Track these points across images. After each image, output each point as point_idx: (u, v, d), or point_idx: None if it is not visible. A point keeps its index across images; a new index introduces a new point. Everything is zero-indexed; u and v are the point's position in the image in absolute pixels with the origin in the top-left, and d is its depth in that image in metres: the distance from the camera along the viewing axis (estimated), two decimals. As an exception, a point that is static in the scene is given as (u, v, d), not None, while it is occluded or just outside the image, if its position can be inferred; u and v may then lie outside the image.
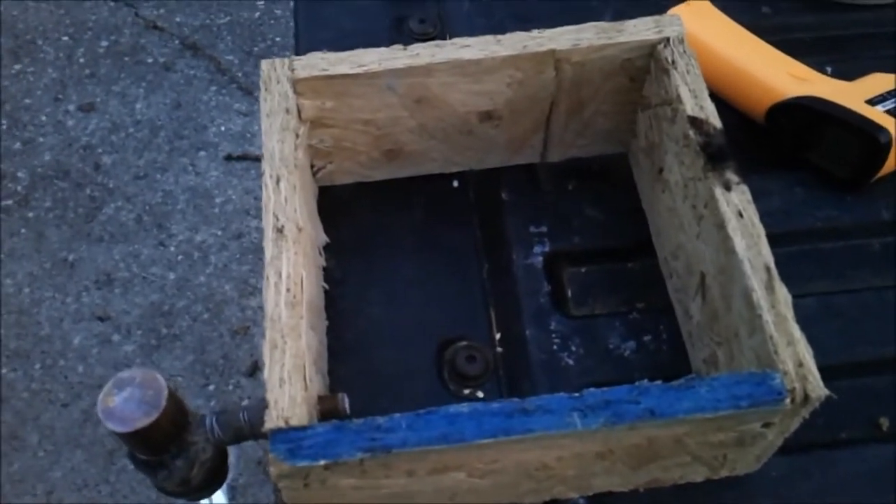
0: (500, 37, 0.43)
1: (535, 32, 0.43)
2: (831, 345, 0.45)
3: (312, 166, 0.47)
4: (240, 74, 1.71)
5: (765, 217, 0.42)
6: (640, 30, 0.43)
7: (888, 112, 0.48)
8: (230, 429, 0.35)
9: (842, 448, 0.43)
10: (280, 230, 0.37)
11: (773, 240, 0.41)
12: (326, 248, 0.47)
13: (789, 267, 0.48)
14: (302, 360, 0.33)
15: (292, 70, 0.42)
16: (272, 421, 0.31)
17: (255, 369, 1.38)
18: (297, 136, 0.40)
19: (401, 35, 0.56)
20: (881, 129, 0.47)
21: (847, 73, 0.54)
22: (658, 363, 0.45)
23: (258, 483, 1.28)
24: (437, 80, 0.43)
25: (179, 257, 1.50)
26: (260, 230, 0.38)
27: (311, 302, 0.39)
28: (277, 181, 0.38)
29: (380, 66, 0.42)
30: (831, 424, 0.43)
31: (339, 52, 0.42)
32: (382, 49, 0.43)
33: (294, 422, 0.32)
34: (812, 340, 0.36)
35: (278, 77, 0.41)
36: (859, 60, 0.56)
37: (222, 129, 1.65)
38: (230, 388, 1.39)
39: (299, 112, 0.43)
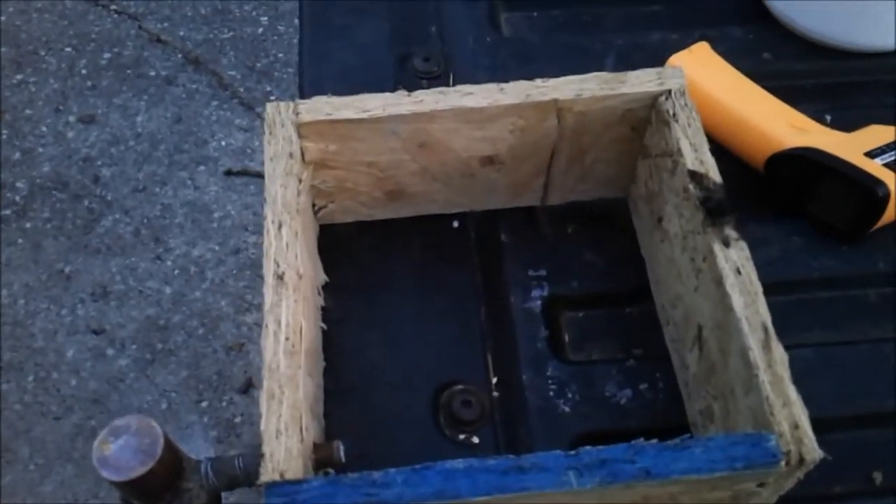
0: (503, 85, 0.43)
1: (538, 81, 0.43)
2: (827, 397, 0.45)
3: (314, 205, 0.47)
4: (242, 90, 1.72)
5: (763, 266, 0.42)
6: (642, 81, 0.44)
7: (886, 165, 0.48)
8: (225, 476, 0.35)
9: (836, 502, 0.43)
10: (280, 277, 0.37)
11: (771, 289, 0.41)
12: (325, 287, 0.47)
13: (786, 316, 0.48)
14: (299, 410, 0.34)
15: (297, 114, 0.42)
16: (267, 473, 0.32)
17: (248, 386, 1.38)
18: (301, 180, 0.40)
19: (405, 73, 0.56)
20: (879, 183, 0.47)
21: (847, 120, 0.54)
22: (654, 412, 0.45)
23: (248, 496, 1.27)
24: (440, 126, 0.43)
25: (176, 272, 1.49)
26: (258, 246, 0.38)
27: (310, 347, 0.39)
28: (279, 227, 0.38)
29: (384, 111, 0.42)
30: (826, 478, 0.42)
31: (344, 97, 0.43)
32: (387, 94, 0.43)
33: (289, 475, 0.32)
34: (808, 392, 0.36)
35: (283, 121, 0.41)
36: (859, 109, 0.56)
37: (223, 143, 1.65)
38: (223, 404, 1.39)
39: (303, 154, 0.43)
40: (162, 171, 1.60)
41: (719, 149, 0.53)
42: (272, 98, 1.74)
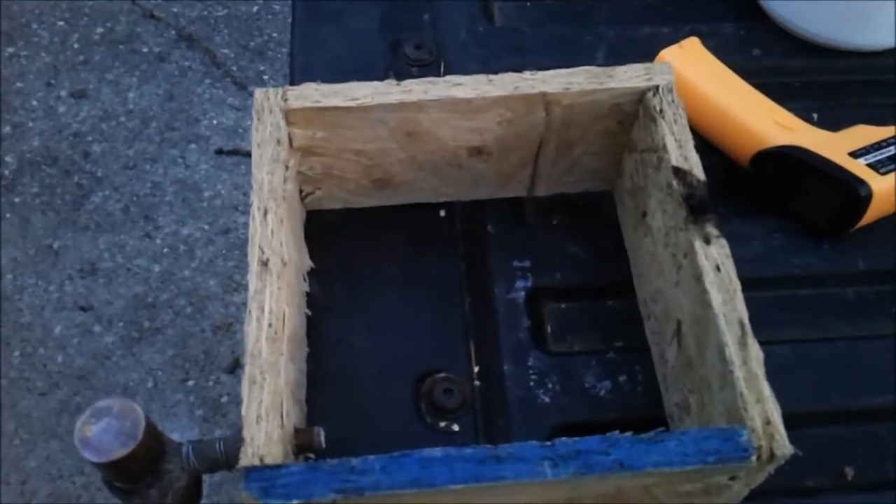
0: (492, 77, 0.43)
1: (527, 74, 0.44)
2: (802, 393, 0.46)
3: (301, 191, 0.48)
4: (235, 68, 1.71)
5: (744, 262, 0.43)
6: (630, 76, 0.44)
7: (870, 165, 0.49)
8: (206, 459, 0.36)
9: (807, 496, 0.44)
10: (265, 263, 0.37)
11: (751, 285, 0.41)
12: (311, 273, 0.48)
13: (765, 312, 0.49)
14: (280, 397, 0.34)
15: (285, 100, 0.42)
16: (247, 458, 0.32)
17: (235, 366, 1.38)
18: (287, 167, 0.40)
19: (396, 60, 0.56)
20: (861, 183, 0.48)
21: (834, 119, 0.54)
22: (632, 404, 0.45)
23: (232, 481, 1.27)
24: (428, 116, 0.44)
25: (165, 250, 1.49)
26: (247, 226, 0.38)
27: (293, 333, 0.40)
28: (265, 213, 0.38)
29: (372, 100, 0.42)
30: (798, 472, 0.43)
31: (333, 85, 0.43)
32: (376, 83, 0.43)
33: (269, 460, 0.32)
34: (783, 388, 0.37)
35: (271, 107, 0.42)
36: (847, 108, 0.57)
37: (214, 122, 1.64)
38: (210, 384, 1.39)
39: (290, 141, 0.43)
40: (153, 148, 1.59)
41: (706, 144, 0.53)
42: (265, 77, 1.74)
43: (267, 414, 0.33)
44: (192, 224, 1.52)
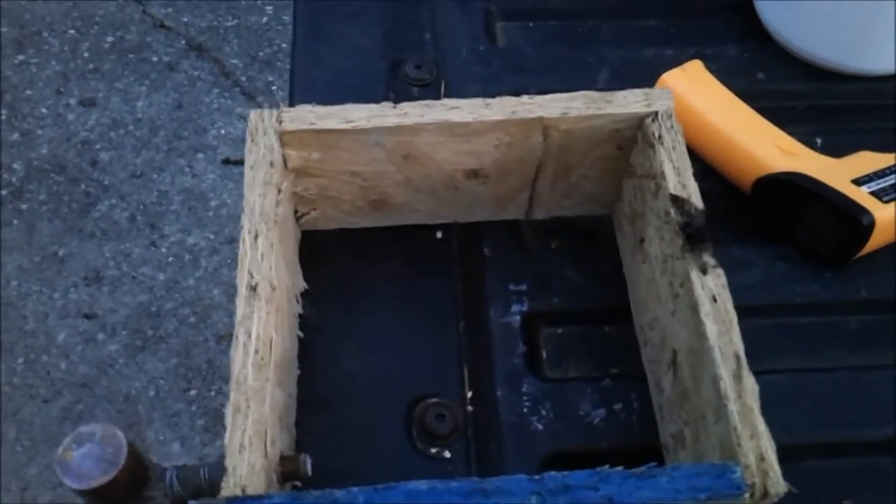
0: (489, 100, 0.43)
1: (525, 98, 0.43)
2: (801, 424, 0.45)
3: (296, 211, 0.47)
4: (244, 79, 1.72)
5: (744, 289, 0.42)
6: (629, 102, 0.44)
7: (873, 193, 0.48)
8: (189, 486, 0.35)
9: (805, 530, 0.43)
10: (253, 288, 0.37)
11: (751, 312, 0.41)
12: (304, 294, 0.47)
13: (765, 340, 0.48)
14: (264, 425, 0.33)
15: (280, 122, 0.42)
16: (229, 488, 0.32)
17: (238, 376, 1.38)
18: (280, 190, 0.40)
19: (396, 79, 0.56)
20: (864, 212, 0.47)
21: (837, 144, 0.54)
22: (627, 433, 0.45)
23: None
24: (424, 139, 0.43)
25: (170, 259, 1.49)
26: None
27: (283, 357, 0.39)
28: (255, 237, 0.38)
29: (368, 122, 0.42)
30: (796, 505, 0.43)
31: (328, 107, 0.42)
32: (372, 105, 0.43)
33: (251, 490, 0.32)
34: (781, 418, 0.36)
35: (265, 129, 0.41)
36: (851, 133, 0.56)
37: (222, 132, 1.65)
38: (212, 393, 1.39)
39: (285, 162, 0.43)
40: (160, 157, 1.60)
41: (707, 168, 0.53)
42: (274, 88, 1.74)
43: (250, 443, 0.33)
44: (197, 233, 1.52)
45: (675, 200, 0.41)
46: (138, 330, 1.42)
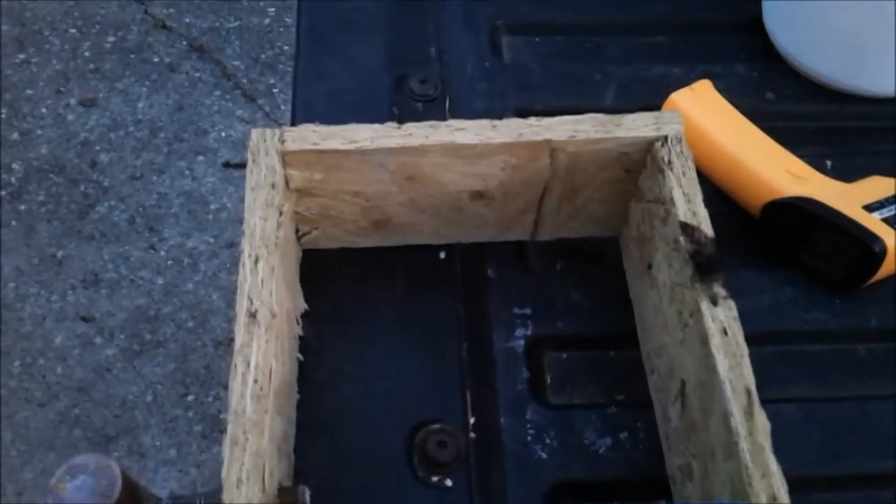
0: (496, 122, 0.42)
1: (532, 120, 0.42)
2: (808, 455, 0.45)
3: (298, 231, 0.46)
4: (245, 81, 1.71)
5: (752, 315, 0.41)
6: (638, 125, 0.43)
7: (885, 220, 0.47)
8: (186, 518, 0.34)
9: (811, 565, 0.42)
10: (253, 315, 0.36)
11: (760, 339, 0.40)
12: (305, 315, 0.46)
13: (773, 368, 0.48)
14: (262, 458, 0.33)
15: (282, 142, 0.41)
16: (226, 525, 0.31)
17: (235, 382, 1.37)
18: (281, 213, 0.39)
19: (400, 94, 0.55)
20: (876, 239, 0.46)
21: (847, 167, 0.53)
22: (633, 463, 0.44)
23: None
24: (429, 161, 0.42)
25: (169, 262, 1.48)
26: None
27: (282, 383, 0.39)
28: (256, 261, 0.37)
29: (372, 143, 0.41)
30: (805, 540, 0.42)
31: (331, 126, 0.41)
32: (376, 126, 0.42)
33: (249, 527, 0.31)
34: (789, 449, 0.36)
35: (267, 149, 0.40)
36: (862, 155, 0.55)
37: (223, 134, 1.64)
38: (210, 399, 1.38)
39: (287, 182, 0.42)
40: (160, 159, 1.59)
41: (715, 191, 0.52)
42: (275, 90, 1.73)
43: (248, 477, 0.32)
44: (197, 237, 1.51)
45: (685, 228, 0.40)
46: (136, 334, 1.41)
